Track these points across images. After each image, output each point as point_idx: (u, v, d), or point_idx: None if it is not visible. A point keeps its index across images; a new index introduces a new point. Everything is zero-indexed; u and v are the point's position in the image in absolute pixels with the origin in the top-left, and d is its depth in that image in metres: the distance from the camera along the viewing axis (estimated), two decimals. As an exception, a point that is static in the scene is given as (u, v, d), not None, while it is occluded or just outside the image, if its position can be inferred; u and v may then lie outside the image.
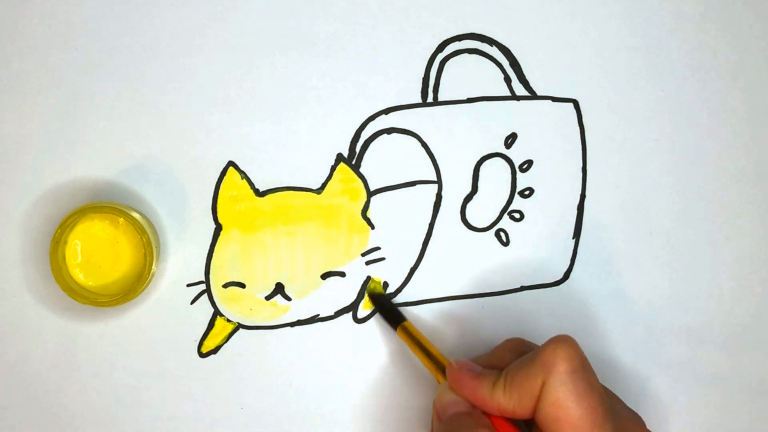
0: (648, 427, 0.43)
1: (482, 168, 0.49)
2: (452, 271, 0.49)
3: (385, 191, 0.49)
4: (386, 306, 0.48)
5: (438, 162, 0.49)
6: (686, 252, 0.50)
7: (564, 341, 0.39)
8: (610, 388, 0.45)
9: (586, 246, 0.50)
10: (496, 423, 0.40)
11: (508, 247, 0.49)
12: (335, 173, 0.48)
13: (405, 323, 0.46)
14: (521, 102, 0.49)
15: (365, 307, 0.49)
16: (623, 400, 0.44)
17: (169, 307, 0.47)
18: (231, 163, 0.48)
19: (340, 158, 0.48)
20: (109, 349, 0.47)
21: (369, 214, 0.49)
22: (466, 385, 0.41)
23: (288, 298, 0.48)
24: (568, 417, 0.38)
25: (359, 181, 0.48)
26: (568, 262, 0.50)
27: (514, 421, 0.41)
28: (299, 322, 0.48)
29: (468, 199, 0.49)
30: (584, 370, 0.39)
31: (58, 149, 0.47)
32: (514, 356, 0.43)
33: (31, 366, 0.47)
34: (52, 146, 0.47)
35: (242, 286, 0.48)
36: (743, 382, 0.50)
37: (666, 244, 0.50)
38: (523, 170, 0.49)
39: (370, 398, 0.48)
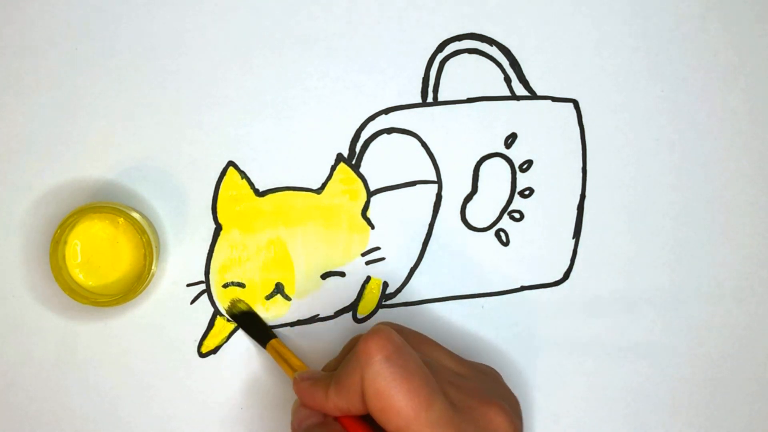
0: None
1: (482, 168, 0.49)
2: (452, 271, 0.49)
3: (385, 191, 0.49)
4: (254, 323, 0.47)
5: (438, 162, 0.49)
6: (686, 252, 0.50)
7: (376, 332, 0.39)
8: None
9: (586, 246, 0.50)
10: (347, 424, 0.40)
11: (508, 247, 0.49)
12: (335, 173, 0.48)
13: (274, 341, 0.46)
14: (521, 102, 0.49)
15: (362, 311, 0.49)
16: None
17: (169, 307, 0.47)
18: (231, 163, 0.48)
19: (340, 158, 0.48)
20: (109, 349, 0.47)
21: (369, 214, 0.49)
22: (305, 393, 0.41)
23: (288, 298, 0.48)
24: (391, 406, 0.37)
25: (359, 181, 0.48)
26: (568, 262, 0.49)
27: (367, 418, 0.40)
28: (299, 322, 0.48)
29: (468, 199, 0.49)
30: (399, 355, 0.38)
31: (58, 149, 0.47)
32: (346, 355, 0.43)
33: (31, 366, 0.47)
34: (52, 146, 0.47)
35: (242, 286, 0.48)
36: (743, 382, 0.50)
37: (666, 244, 0.50)
38: (523, 170, 0.49)
39: (370, 398, 0.48)
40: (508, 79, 0.49)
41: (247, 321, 0.48)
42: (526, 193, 0.49)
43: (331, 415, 0.41)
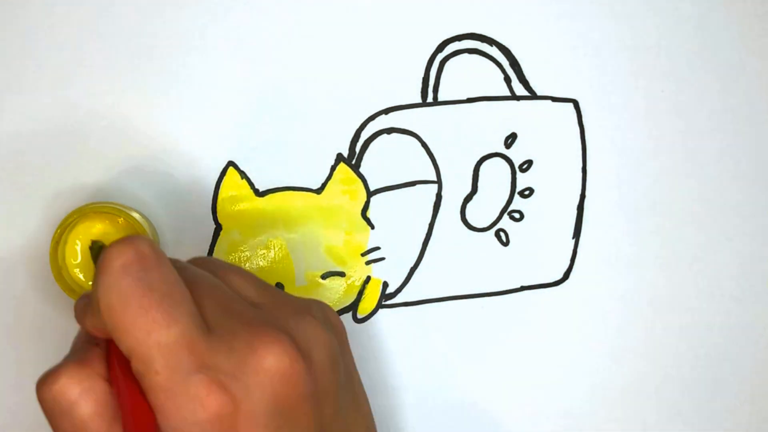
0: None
1: (482, 168, 0.49)
2: (452, 271, 0.49)
3: (385, 191, 0.49)
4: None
5: (438, 162, 0.49)
6: (686, 252, 0.50)
7: (123, 239, 0.32)
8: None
9: (586, 246, 0.50)
10: (110, 347, 0.33)
11: (508, 247, 0.49)
12: (335, 173, 0.48)
13: None
14: (521, 102, 0.49)
15: (362, 311, 0.49)
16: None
17: (169, 307, 0.47)
18: (231, 163, 0.48)
19: (340, 158, 0.48)
20: (109, 349, 0.47)
21: (369, 214, 0.49)
22: (76, 311, 0.34)
23: (288, 298, 0.48)
24: (122, 322, 0.30)
25: (359, 181, 0.48)
26: (568, 262, 0.49)
27: None
28: (299, 322, 0.48)
29: (468, 199, 0.49)
30: (142, 266, 0.31)
31: (58, 149, 0.47)
32: None
33: (31, 366, 0.47)
34: (52, 146, 0.47)
35: (242, 286, 0.48)
36: (743, 382, 0.50)
37: (666, 244, 0.50)
38: (523, 170, 0.49)
39: (370, 398, 0.48)
40: (508, 79, 0.49)
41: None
42: (526, 193, 0.49)
43: (96, 336, 0.33)
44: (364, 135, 0.49)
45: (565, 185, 0.50)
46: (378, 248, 0.49)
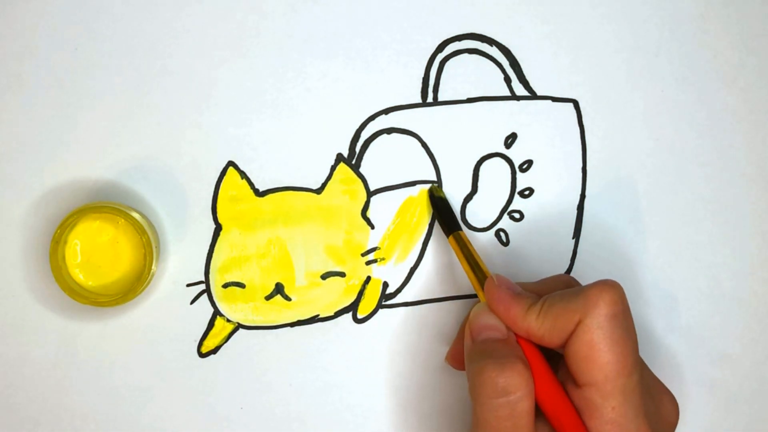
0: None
1: (482, 168, 0.49)
2: (452, 271, 0.49)
3: (385, 191, 0.49)
4: (447, 210, 0.47)
5: (438, 162, 0.49)
6: (686, 252, 0.50)
7: (611, 285, 0.39)
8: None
9: (586, 246, 0.50)
10: (527, 350, 0.40)
11: (508, 247, 0.49)
12: (335, 173, 0.48)
13: (459, 232, 0.46)
14: (521, 102, 0.49)
15: (362, 311, 0.49)
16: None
17: (169, 307, 0.47)
18: (231, 163, 0.48)
19: (340, 158, 0.48)
20: (109, 349, 0.47)
21: (369, 214, 0.49)
22: (501, 300, 0.41)
23: (288, 298, 0.48)
24: (598, 359, 0.38)
25: (359, 181, 0.48)
26: (568, 262, 0.50)
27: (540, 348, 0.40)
28: (299, 322, 0.48)
29: (468, 199, 0.49)
30: (624, 317, 0.39)
31: (58, 149, 0.47)
32: (560, 288, 0.42)
33: (31, 366, 0.47)
34: (52, 146, 0.47)
35: (242, 286, 0.48)
36: (743, 382, 0.50)
37: (666, 244, 0.50)
38: (523, 170, 0.49)
39: (371, 398, 0.48)
40: (508, 79, 0.49)
41: (441, 207, 0.47)
42: (526, 193, 0.49)
43: (514, 331, 0.40)
44: (364, 135, 0.49)
45: (565, 185, 0.50)
46: (378, 248, 0.49)
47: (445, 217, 0.47)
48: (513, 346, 0.40)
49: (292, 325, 0.48)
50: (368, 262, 0.49)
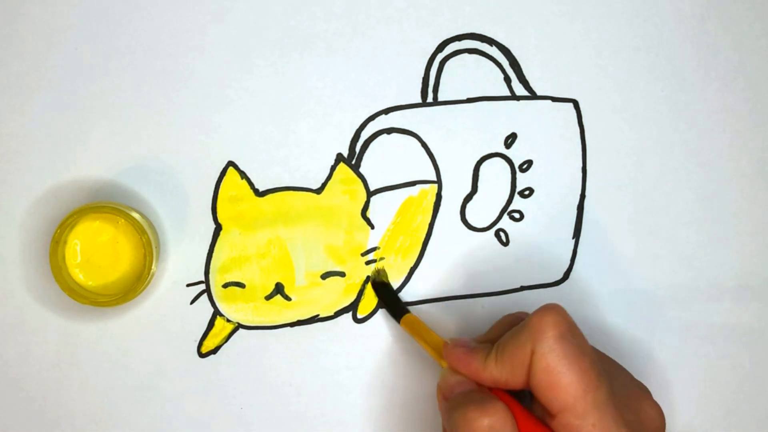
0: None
1: (482, 168, 0.49)
2: (452, 271, 0.49)
3: (385, 191, 0.49)
4: (390, 297, 0.48)
5: (438, 162, 0.49)
6: (686, 252, 0.50)
7: (550, 309, 0.39)
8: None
9: (586, 246, 0.50)
10: (499, 396, 0.40)
11: (508, 247, 0.49)
12: (335, 173, 0.48)
13: (407, 316, 0.46)
14: (521, 102, 0.49)
15: (362, 311, 0.49)
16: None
17: (169, 307, 0.47)
18: (231, 163, 0.48)
19: (339, 158, 0.48)
20: (109, 349, 0.47)
21: (369, 214, 0.49)
22: (460, 360, 0.41)
23: (288, 298, 0.48)
24: (560, 382, 0.38)
25: (359, 181, 0.48)
26: (568, 262, 0.50)
27: (511, 394, 0.41)
28: (299, 322, 0.48)
29: (468, 199, 0.49)
30: (572, 335, 0.39)
31: (58, 149, 0.47)
32: (508, 330, 0.43)
33: (31, 366, 0.47)
34: (52, 146, 0.47)
35: (242, 286, 0.48)
36: (743, 382, 0.50)
37: (666, 244, 0.50)
38: (523, 170, 0.49)
39: (370, 398, 0.48)
40: (508, 79, 0.49)
41: (385, 294, 0.48)
42: (526, 193, 0.49)
43: (482, 384, 0.41)
44: (364, 135, 0.49)
45: (565, 185, 0.50)
46: (378, 248, 0.49)
47: (391, 302, 0.48)
48: (486, 392, 0.40)
49: (292, 325, 0.48)
50: (368, 262, 0.49)
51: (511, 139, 0.49)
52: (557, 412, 0.38)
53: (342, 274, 0.48)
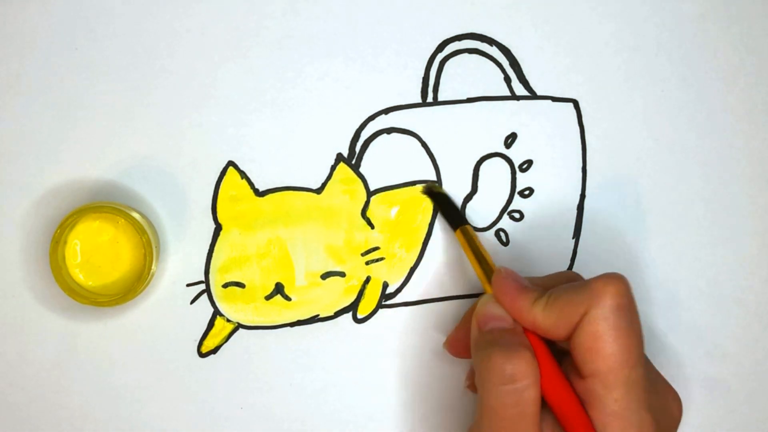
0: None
1: (482, 168, 0.49)
2: (452, 271, 0.49)
3: (385, 191, 0.49)
4: (449, 205, 0.48)
5: (438, 162, 0.49)
6: (686, 252, 0.50)
7: (617, 277, 0.39)
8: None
9: (586, 246, 0.50)
10: (533, 342, 0.40)
11: (508, 247, 0.49)
12: (335, 173, 0.48)
13: (466, 227, 0.46)
14: (521, 102, 0.49)
15: (362, 311, 0.49)
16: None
17: (168, 307, 0.47)
18: (231, 163, 0.48)
19: (339, 158, 0.48)
20: (109, 349, 0.47)
21: (369, 214, 0.49)
22: (507, 292, 0.41)
23: (288, 298, 0.48)
24: (603, 350, 0.38)
25: (359, 181, 0.48)
26: (568, 262, 0.50)
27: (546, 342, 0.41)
28: (299, 322, 0.48)
29: (468, 199, 0.49)
30: (629, 310, 0.39)
31: (58, 149, 0.47)
32: (566, 283, 0.42)
33: (31, 366, 0.47)
34: (52, 146, 0.47)
35: (242, 286, 0.48)
36: (743, 382, 0.50)
37: (666, 244, 0.50)
38: (523, 170, 0.49)
39: (370, 398, 0.48)
40: (508, 79, 0.49)
41: (443, 202, 0.48)
42: (526, 193, 0.49)
43: (522, 325, 0.41)
44: (364, 135, 0.49)
45: (565, 185, 0.50)
46: (378, 248, 0.49)
47: (450, 211, 0.47)
48: (520, 336, 0.40)
49: (292, 325, 0.48)
50: (368, 262, 0.49)
51: (511, 139, 0.49)
52: (587, 376, 0.38)
53: (342, 274, 0.48)
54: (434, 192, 0.48)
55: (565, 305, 0.39)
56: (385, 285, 0.49)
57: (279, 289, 0.48)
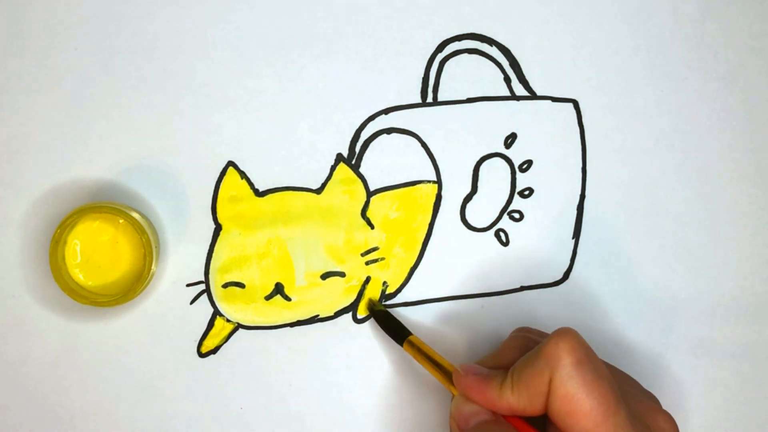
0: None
1: (482, 168, 0.49)
2: (452, 271, 0.49)
3: (385, 191, 0.49)
4: (390, 322, 0.47)
5: (438, 162, 0.49)
6: (686, 252, 0.50)
7: (566, 333, 0.39)
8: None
9: (586, 246, 0.50)
10: (517, 424, 0.40)
11: (508, 247, 0.49)
12: (335, 173, 0.48)
13: (411, 337, 0.46)
14: (521, 102, 0.49)
15: (362, 311, 0.49)
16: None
17: (168, 307, 0.47)
18: (231, 163, 0.48)
19: (339, 158, 0.48)
20: (109, 349, 0.47)
21: (369, 214, 0.49)
22: (473, 387, 0.41)
23: (288, 298, 0.48)
24: (580, 409, 0.38)
25: (359, 181, 0.48)
26: (568, 262, 0.50)
27: (529, 420, 0.41)
28: (299, 322, 0.48)
29: (468, 199, 0.49)
30: (589, 360, 0.39)
31: (58, 149, 0.47)
32: (519, 354, 0.42)
33: (31, 366, 0.47)
34: (52, 146, 0.47)
35: (242, 286, 0.48)
36: (743, 384, 0.50)
37: (666, 244, 0.50)
38: (522, 170, 0.49)
39: (370, 398, 0.48)
40: (508, 79, 0.49)
41: (384, 319, 0.47)
42: (526, 193, 0.49)
43: (498, 413, 0.41)
44: (364, 135, 0.49)
45: (565, 185, 0.50)
46: (378, 248, 0.49)
47: (392, 327, 0.47)
48: (504, 425, 0.40)
49: (292, 325, 0.48)
50: (368, 262, 0.49)
51: (511, 139, 0.49)
52: None
53: (342, 275, 0.48)
54: (374, 309, 0.48)
55: (530, 380, 0.39)
56: (385, 285, 0.49)
57: (279, 289, 0.48)
